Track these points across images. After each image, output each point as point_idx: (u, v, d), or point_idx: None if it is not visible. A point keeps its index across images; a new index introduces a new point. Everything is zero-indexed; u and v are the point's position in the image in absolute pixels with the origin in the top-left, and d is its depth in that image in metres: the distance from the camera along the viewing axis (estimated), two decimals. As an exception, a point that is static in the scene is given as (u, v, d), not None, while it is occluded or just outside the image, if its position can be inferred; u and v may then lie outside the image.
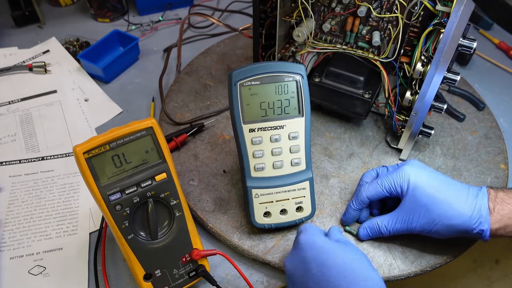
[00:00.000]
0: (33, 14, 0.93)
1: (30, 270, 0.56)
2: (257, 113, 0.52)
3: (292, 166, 0.54)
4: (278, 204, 0.55)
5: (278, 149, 0.54)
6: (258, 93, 0.52)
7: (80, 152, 0.45)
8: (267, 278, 0.56)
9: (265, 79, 0.51)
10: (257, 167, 0.54)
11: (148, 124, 0.47)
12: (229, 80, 0.52)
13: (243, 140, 0.53)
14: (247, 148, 0.53)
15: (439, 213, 0.51)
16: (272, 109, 0.52)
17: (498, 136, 0.71)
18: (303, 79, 0.53)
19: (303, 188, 0.55)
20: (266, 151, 0.53)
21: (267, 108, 0.52)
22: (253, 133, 0.53)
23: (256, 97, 0.52)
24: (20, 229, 0.60)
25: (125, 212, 0.47)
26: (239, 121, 0.52)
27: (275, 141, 0.53)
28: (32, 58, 0.86)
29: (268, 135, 0.53)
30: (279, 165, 0.54)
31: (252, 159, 0.53)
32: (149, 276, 0.49)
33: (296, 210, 0.56)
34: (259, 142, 0.53)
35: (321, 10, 0.65)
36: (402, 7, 0.59)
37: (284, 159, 0.54)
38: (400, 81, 0.64)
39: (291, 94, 0.53)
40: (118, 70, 0.84)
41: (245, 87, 0.51)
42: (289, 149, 0.54)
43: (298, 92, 0.53)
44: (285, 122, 0.53)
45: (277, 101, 0.52)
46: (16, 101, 0.78)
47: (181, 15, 0.99)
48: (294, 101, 0.53)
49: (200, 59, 0.85)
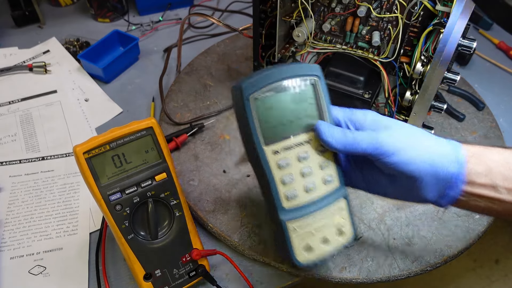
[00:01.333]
0: (33, 14, 0.93)
1: (30, 270, 0.56)
2: (277, 130, 0.43)
3: (325, 185, 0.45)
4: (318, 233, 0.46)
5: (308, 168, 0.44)
6: (274, 106, 0.43)
7: (80, 152, 0.45)
8: (267, 278, 0.56)
9: (279, 87, 0.43)
10: (289, 196, 0.44)
11: (148, 124, 0.47)
12: (237, 94, 0.43)
13: (267, 166, 0.43)
14: (273, 175, 0.44)
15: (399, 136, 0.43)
16: (292, 122, 0.44)
17: (498, 136, 0.72)
18: (321, 80, 0.45)
19: (341, 208, 0.47)
20: (296, 173, 0.44)
21: (287, 122, 0.43)
22: (278, 155, 0.43)
23: (273, 111, 0.43)
24: (20, 229, 0.60)
25: (125, 212, 0.47)
26: (259, 144, 0.43)
27: (303, 160, 0.44)
28: (32, 58, 0.86)
29: (295, 154, 0.44)
30: (312, 187, 0.45)
31: (282, 186, 0.44)
32: (149, 276, 0.49)
33: (337, 235, 0.47)
34: (286, 165, 0.44)
35: (321, 10, 0.65)
36: (402, 7, 0.59)
37: (315, 179, 0.45)
38: (400, 81, 0.64)
39: (310, 100, 0.44)
40: (118, 70, 0.84)
41: (260, 101, 0.42)
42: (319, 165, 0.45)
43: (317, 96, 0.44)
44: (310, 135, 0.44)
45: (296, 112, 0.44)
46: (16, 101, 0.79)
47: (181, 15, 0.99)
48: (314, 108, 0.45)
49: (200, 59, 0.85)
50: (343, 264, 0.55)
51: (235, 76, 0.81)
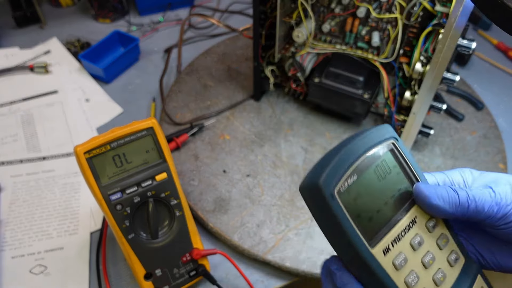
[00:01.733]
0: (34, 14, 0.94)
1: (31, 269, 0.56)
2: (376, 222, 0.33)
3: (453, 267, 0.35)
4: None
5: (428, 255, 0.34)
6: (361, 193, 0.32)
7: (81, 152, 0.45)
8: (267, 278, 0.56)
9: (358, 168, 0.32)
10: None
11: (148, 124, 0.48)
12: (313, 195, 0.31)
13: (384, 273, 0.32)
14: (394, 281, 0.32)
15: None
16: (387, 204, 0.33)
17: (497, 136, 0.72)
18: (398, 141, 0.35)
19: None
20: (417, 268, 0.33)
21: (383, 207, 0.33)
22: (390, 254, 0.32)
23: (362, 199, 0.32)
24: (21, 229, 0.60)
25: (125, 212, 0.47)
26: (364, 248, 0.31)
27: (418, 247, 0.34)
28: (33, 58, 0.87)
29: (406, 243, 0.33)
30: (441, 276, 0.34)
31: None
32: (150, 275, 0.50)
33: None
34: (404, 261, 0.32)
35: (321, 11, 0.65)
36: (401, 8, 0.59)
37: (441, 265, 0.34)
38: (399, 81, 0.64)
39: (395, 169, 0.34)
40: (119, 70, 0.84)
41: (345, 194, 0.31)
42: (437, 246, 0.35)
43: (401, 162, 0.35)
44: (412, 213, 0.34)
45: (386, 190, 0.34)
46: (18, 101, 0.79)
47: (181, 16, 0.99)
48: (403, 177, 0.35)
49: (200, 60, 0.85)
50: (343, 264, 0.55)
51: (235, 76, 0.81)
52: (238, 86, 0.80)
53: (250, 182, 0.65)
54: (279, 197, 0.63)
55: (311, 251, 0.57)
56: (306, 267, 0.55)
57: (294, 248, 0.57)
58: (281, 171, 0.66)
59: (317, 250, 0.57)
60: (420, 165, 0.67)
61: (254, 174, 0.65)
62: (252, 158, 0.68)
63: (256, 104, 0.76)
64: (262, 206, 0.62)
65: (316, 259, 0.56)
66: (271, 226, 0.59)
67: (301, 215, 0.60)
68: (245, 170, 0.66)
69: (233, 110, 0.75)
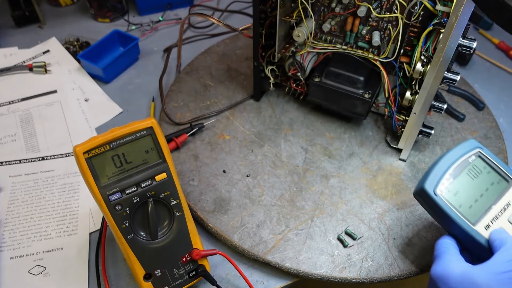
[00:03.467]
0: (33, 14, 0.93)
1: (30, 270, 0.56)
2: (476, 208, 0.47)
3: None
4: None
5: None
6: (459, 189, 0.48)
7: (80, 152, 0.45)
8: (267, 278, 0.56)
9: (454, 173, 0.48)
10: None
11: (148, 124, 0.47)
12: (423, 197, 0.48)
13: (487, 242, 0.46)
14: None
15: None
16: (483, 195, 0.48)
17: (498, 136, 0.71)
18: (483, 149, 0.50)
19: None
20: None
21: (479, 197, 0.48)
22: (491, 228, 0.46)
23: (461, 194, 0.48)
24: (20, 229, 0.60)
25: (125, 212, 0.47)
26: (468, 226, 0.46)
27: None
28: (32, 58, 0.86)
29: (505, 220, 0.47)
30: None
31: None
32: (149, 276, 0.49)
33: None
34: None
35: (321, 10, 0.65)
36: (402, 7, 0.59)
37: None
38: (400, 81, 0.64)
39: (486, 169, 0.49)
40: (118, 70, 0.84)
41: (445, 192, 0.47)
42: None
43: (490, 164, 0.49)
44: (506, 198, 0.48)
45: (480, 185, 0.48)
46: (16, 101, 0.78)
47: (181, 15, 0.99)
48: (494, 174, 0.49)
49: (200, 59, 0.85)
50: (343, 264, 0.55)
51: (235, 76, 0.81)
52: (238, 86, 0.79)
53: (250, 182, 0.64)
54: (279, 197, 0.62)
55: (311, 251, 0.56)
56: (306, 268, 0.55)
57: (294, 249, 0.57)
58: (281, 171, 0.66)
59: (317, 251, 0.57)
60: (420, 165, 0.67)
61: (254, 174, 0.65)
62: (252, 158, 0.67)
63: (256, 104, 0.76)
64: (262, 206, 0.61)
65: (316, 259, 0.56)
66: (271, 227, 0.59)
67: (301, 215, 0.60)
68: (245, 170, 0.66)
69: (233, 110, 0.75)
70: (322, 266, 0.55)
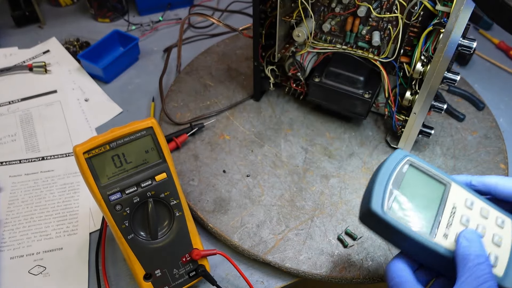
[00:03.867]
0: (33, 14, 0.93)
1: (30, 270, 0.56)
2: (427, 218, 0.43)
3: (503, 228, 0.44)
4: None
5: (479, 227, 0.43)
6: (404, 202, 0.43)
7: (80, 152, 0.45)
8: (267, 278, 0.56)
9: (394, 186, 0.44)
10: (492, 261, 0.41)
11: (148, 124, 0.47)
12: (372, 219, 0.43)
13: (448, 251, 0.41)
14: None
15: None
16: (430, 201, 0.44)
17: (498, 136, 0.71)
18: (413, 156, 0.46)
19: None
20: None
21: (427, 205, 0.44)
22: (450, 236, 0.42)
23: (408, 205, 0.43)
24: (20, 229, 0.60)
25: (125, 212, 0.47)
26: (426, 241, 0.41)
27: (468, 222, 0.43)
28: (32, 58, 0.86)
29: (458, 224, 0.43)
30: (499, 238, 0.43)
31: None
32: (149, 276, 0.49)
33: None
34: None
35: (321, 10, 0.65)
36: (402, 7, 0.59)
37: (493, 230, 0.43)
38: (400, 81, 0.64)
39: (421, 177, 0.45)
40: (118, 70, 0.84)
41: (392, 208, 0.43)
42: (482, 217, 0.44)
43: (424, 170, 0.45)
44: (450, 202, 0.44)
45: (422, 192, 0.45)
46: (16, 101, 0.78)
47: (181, 15, 0.99)
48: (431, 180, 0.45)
49: (200, 59, 0.85)
50: (343, 264, 0.55)
51: (235, 76, 0.81)
52: (238, 86, 0.79)
53: (250, 182, 0.64)
54: (279, 197, 0.62)
55: (311, 251, 0.57)
56: (306, 268, 0.55)
57: (294, 249, 0.57)
58: (281, 171, 0.66)
59: (317, 251, 0.57)
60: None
61: (254, 174, 0.65)
62: (252, 158, 0.67)
63: (256, 104, 0.76)
64: (262, 206, 0.61)
65: (316, 259, 0.56)
66: (271, 227, 0.59)
67: (301, 216, 0.60)
68: (245, 170, 0.66)
69: (233, 110, 0.75)
70: (322, 266, 0.55)
